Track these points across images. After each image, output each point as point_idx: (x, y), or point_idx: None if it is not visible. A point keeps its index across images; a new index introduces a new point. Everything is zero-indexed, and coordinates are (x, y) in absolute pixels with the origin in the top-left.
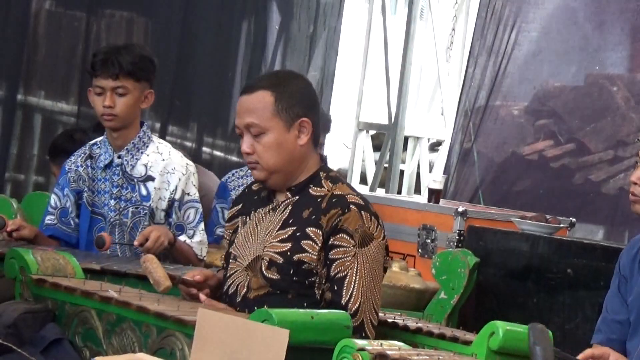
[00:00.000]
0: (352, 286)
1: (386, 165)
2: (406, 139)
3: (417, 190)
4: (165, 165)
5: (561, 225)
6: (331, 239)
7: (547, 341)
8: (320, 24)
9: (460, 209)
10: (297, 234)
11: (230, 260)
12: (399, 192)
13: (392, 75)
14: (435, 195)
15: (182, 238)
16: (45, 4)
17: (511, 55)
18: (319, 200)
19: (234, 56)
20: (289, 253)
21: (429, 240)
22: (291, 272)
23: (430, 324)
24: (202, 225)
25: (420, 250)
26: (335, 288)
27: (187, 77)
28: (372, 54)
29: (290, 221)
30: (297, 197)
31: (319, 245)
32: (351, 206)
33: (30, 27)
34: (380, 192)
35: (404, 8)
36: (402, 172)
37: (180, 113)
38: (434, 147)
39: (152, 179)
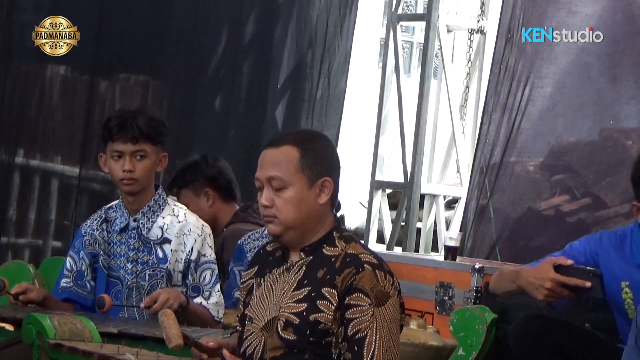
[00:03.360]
0: (372, 346)
1: (403, 223)
2: (422, 197)
3: (434, 248)
4: (181, 227)
5: None
6: (347, 299)
7: None
8: (323, 83)
9: (477, 266)
10: (313, 294)
11: (246, 322)
12: (416, 250)
13: (406, 134)
14: (452, 252)
15: (199, 300)
16: (60, 69)
17: (525, 111)
18: (332, 260)
19: (235, 114)
20: (305, 313)
21: (446, 298)
22: (307, 332)
23: None
24: (218, 287)
25: (438, 308)
26: (356, 348)
27: (191, 137)
28: (386, 113)
29: (305, 281)
30: (311, 257)
31: (335, 305)
32: (365, 265)
33: (46, 93)
34: (398, 250)
35: (417, 67)
36: (418, 230)
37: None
38: (450, 204)
39: (168, 241)
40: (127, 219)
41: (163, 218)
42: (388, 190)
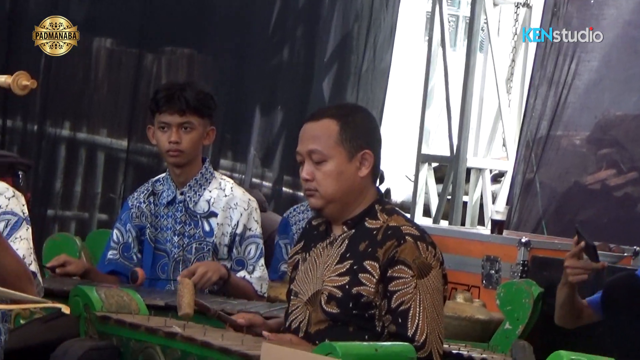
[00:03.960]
0: (417, 318)
1: (449, 197)
2: (468, 170)
3: (481, 222)
4: (227, 201)
5: (625, 254)
6: (389, 271)
7: (528, 357)
8: (369, 56)
9: (524, 240)
10: (355, 267)
11: (292, 297)
12: (463, 224)
13: (453, 108)
14: (498, 226)
15: (242, 273)
16: (106, 43)
17: (572, 85)
18: (374, 232)
19: (282, 88)
20: (347, 287)
21: (493, 271)
22: (350, 305)
23: (495, 355)
24: (262, 261)
25: (484, 282)
26: (400, 320)
27: (239, 111)
28: (432, 87)
29: (348, 255)
30: (354, 231)
31: (376, 278)
32: (407, 237)
33: (92, 66)
34: (444, 223)
35: (463, 41)
36: (465, 203)
37: (231, 146)
38: (497, 178)
39: (215, 214)
40: (174, 192)
41: (210, 192)
42: (434, 164)
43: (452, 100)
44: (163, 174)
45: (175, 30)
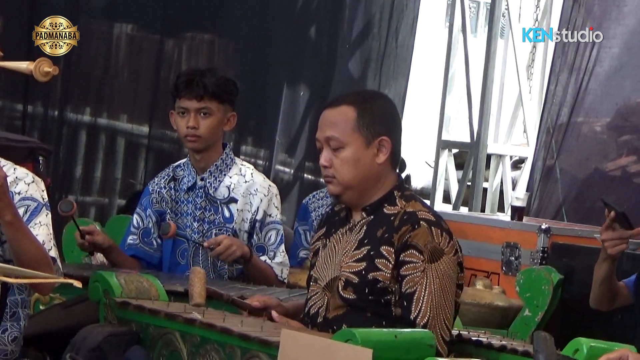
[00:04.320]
0: (420, 301)
1: (469, 183)
2: (489, 156)
3: (501, 208)
4: (247, 187)
5: None
6: (401, 256)
7: (550, 349)
8: (391, 42)
9: (544, 226)
10: (372, 252)
11: (311, 283)
12: (483, 210)
13: (473, 94)
14: (518, 212)
15: (263, 259)
16: (127, 28)
17: (592, 72)
18: (392, 218)
19: (305, 74)
20: (363, 272)
21: (512, 258)
22: (367, 291)
23: (514, 342)
24: (282, 247)
25: (504, 268)
26: (405, 304)
27: (260, 96)
28: (453, 73)
29: (365, 241)
30: (372, 217)
31: (392, 263)
32: (421, 222)
33: (113, 51)
34: (464, 210)
35: (484, 27)
36: (485, 190)
37: (253, 132)
38: (517, 164)
39: (235, 200)
40: (195, 177)
41: (230, 177)
42: (454, 150)
43: (473, 86)
44: (184, 160)
45: (196, 16)
